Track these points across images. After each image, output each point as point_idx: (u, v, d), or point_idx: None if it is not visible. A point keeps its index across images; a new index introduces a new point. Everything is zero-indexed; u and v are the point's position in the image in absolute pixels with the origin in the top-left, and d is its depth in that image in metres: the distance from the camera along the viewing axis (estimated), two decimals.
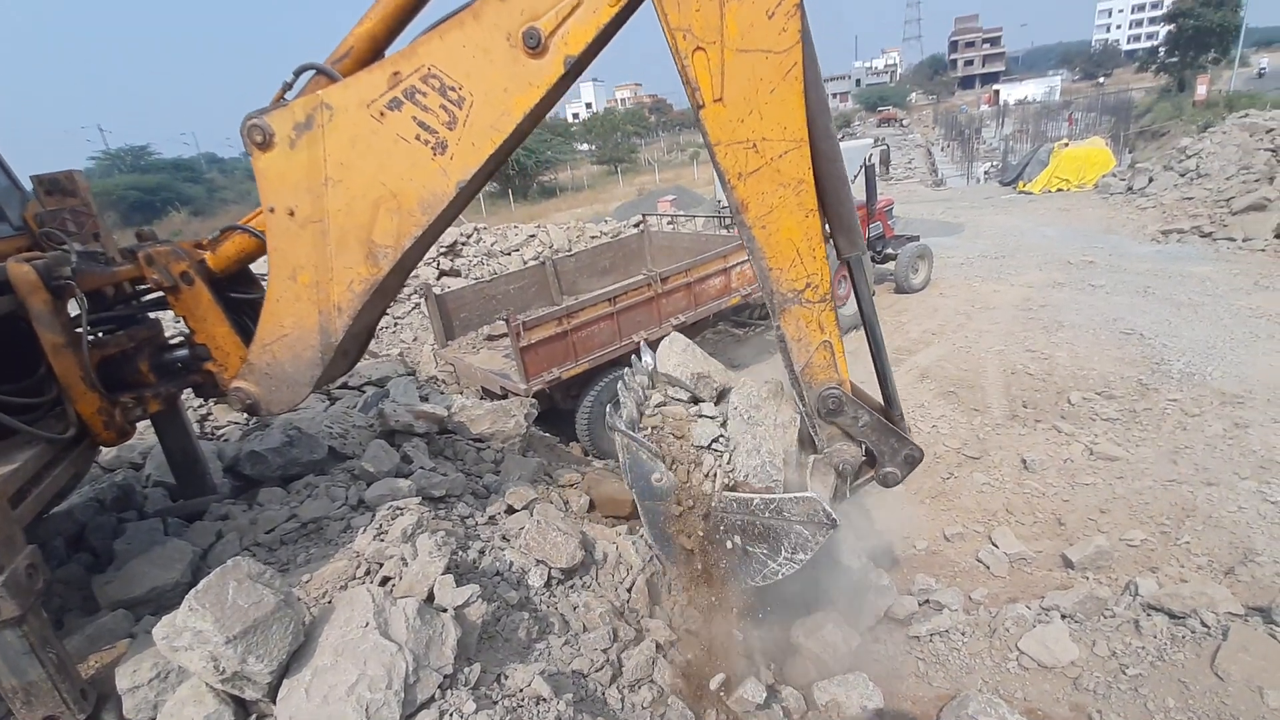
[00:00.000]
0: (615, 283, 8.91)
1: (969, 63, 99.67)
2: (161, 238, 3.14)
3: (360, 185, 2.43)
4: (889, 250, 11.39)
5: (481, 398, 6.50)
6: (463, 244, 11.06)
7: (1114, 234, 13.88)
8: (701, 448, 3.11)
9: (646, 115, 75.49)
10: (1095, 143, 21.04)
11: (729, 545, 2.90)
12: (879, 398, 3.06)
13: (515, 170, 36.42)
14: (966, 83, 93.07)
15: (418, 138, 2.36)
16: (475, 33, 2.23)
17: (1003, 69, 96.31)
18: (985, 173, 25.93)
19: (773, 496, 2.78)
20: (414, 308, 9.63)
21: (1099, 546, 4.65)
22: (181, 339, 3.08)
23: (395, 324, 9.32)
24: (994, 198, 20.88)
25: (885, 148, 11.30)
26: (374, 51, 2.61)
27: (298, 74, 2.58)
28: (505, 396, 6.17)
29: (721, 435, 3.14)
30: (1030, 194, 20.22)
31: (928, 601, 4.36)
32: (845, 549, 5.01)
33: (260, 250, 2.83)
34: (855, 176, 10.04)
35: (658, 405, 3.40)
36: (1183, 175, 15.22)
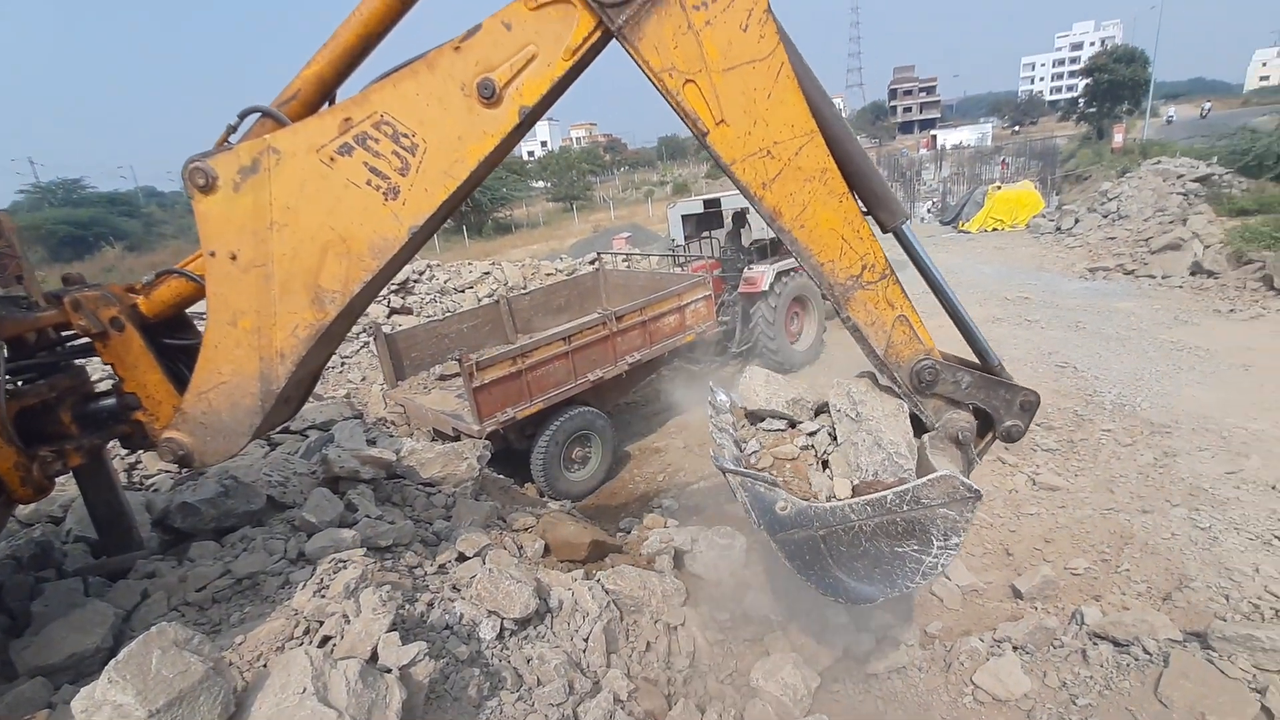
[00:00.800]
0: (570, 321, 8.93)
1: (908, 109, 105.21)
2: (91, 278, 2.99)
3: (308, 229, 2.39)
4: None
5: (433, 440, 6.33)
6: (415, 281, 10.90)
7: (1046, 271, 14.65)
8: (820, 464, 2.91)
9: (602, 154, 76.83)
10: (1026, 185, 22.32)
11: (875, 553, 2.64)
12: (971, 357, 2.96)
13: (470, 206, 36.35)
14: (906, 128, 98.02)
15: (369, 183, 2.33)
16: (430, 82, 2.25)
17: (939, 115, 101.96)
18: (928, 211, 27.11)
19: (905, 486, 2.56)
20: (362, 346, 9.39)
21: (1045, 576, 4.77)
22: (109, 387, 2.91)
23: (342, 364, 9.06)
24: (935, 236, 21.83)
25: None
26: (322, 95, 2.59)
27: (242, 116, 2.53)
28: (458, 438, 6.03)
29: (832, 444, 2.99)
30: (968, 233, 21.23)
31: (885, 637, 4.37)
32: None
33: (198, 295, 2.73)
34: None
35: (753, 451, 3.20)
36: (1105, 217, 16.25)
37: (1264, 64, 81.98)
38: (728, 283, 10.10)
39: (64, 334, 2.97)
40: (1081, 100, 42.84)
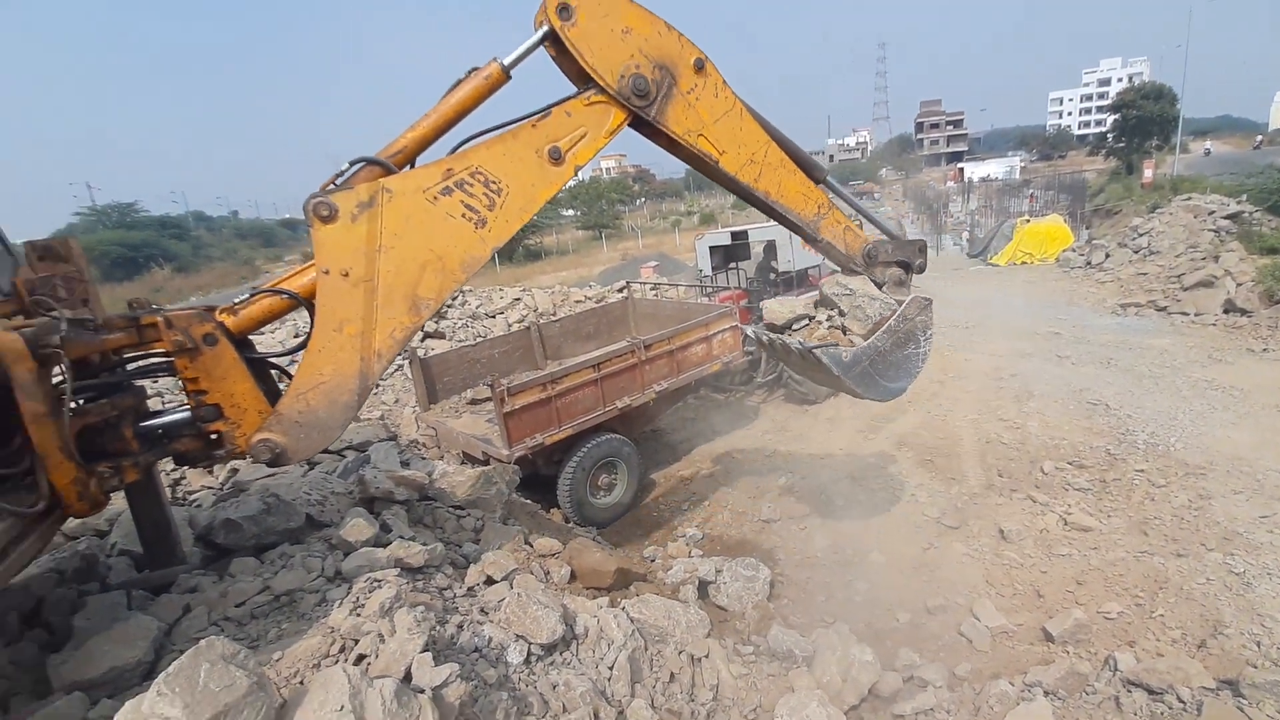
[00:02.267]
0: (599, 348, 9.03)
1: (934, 142, 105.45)
2: (145, 297, 3.17)
3: (410, 251, 2.98)
4: None
5: (462, 463, 6.43)
6: (448, 306, 11.15)
7: (1076, 306, 14.47)
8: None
9: (630, 184, 77.90)
10: (1055, 219, 22.16)
11: (896, 356, 3.98)
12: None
13: None
14: (933, 160, 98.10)
15: (464, 215, 3.03)
16: (514, 147, 3.08)
17: (965, 149, 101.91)
18: (954, 244, 26.98)
19: (898, 312, 3.86)
20: (396, 369, 9.59)
21: (1077, 619, 4.67)
22: (178, 404, 3.06)
23: (378, 386, 9.26)
24: (962, 269, 21.73)
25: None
26: (419, 151, 3.19)
27: (352, 164, 3.07)
28: (487, 462, 6.12)
29: (840, 316, 4.38)
30: (996, 266, 21.08)
31: (912, 678, 4.30)
32: (821, 614, 4.97)
33: (286, 309, 3.14)
34: None
35: (799, 341, 4.26)
36: (1136, 252, 16.04)
37: None
38: (754, 313, 10.16)
39: (125, 355, 3.14)
40: (1110, 135, 42.46)
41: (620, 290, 12.55)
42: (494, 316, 11.22)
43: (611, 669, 3.61)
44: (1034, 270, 19.36)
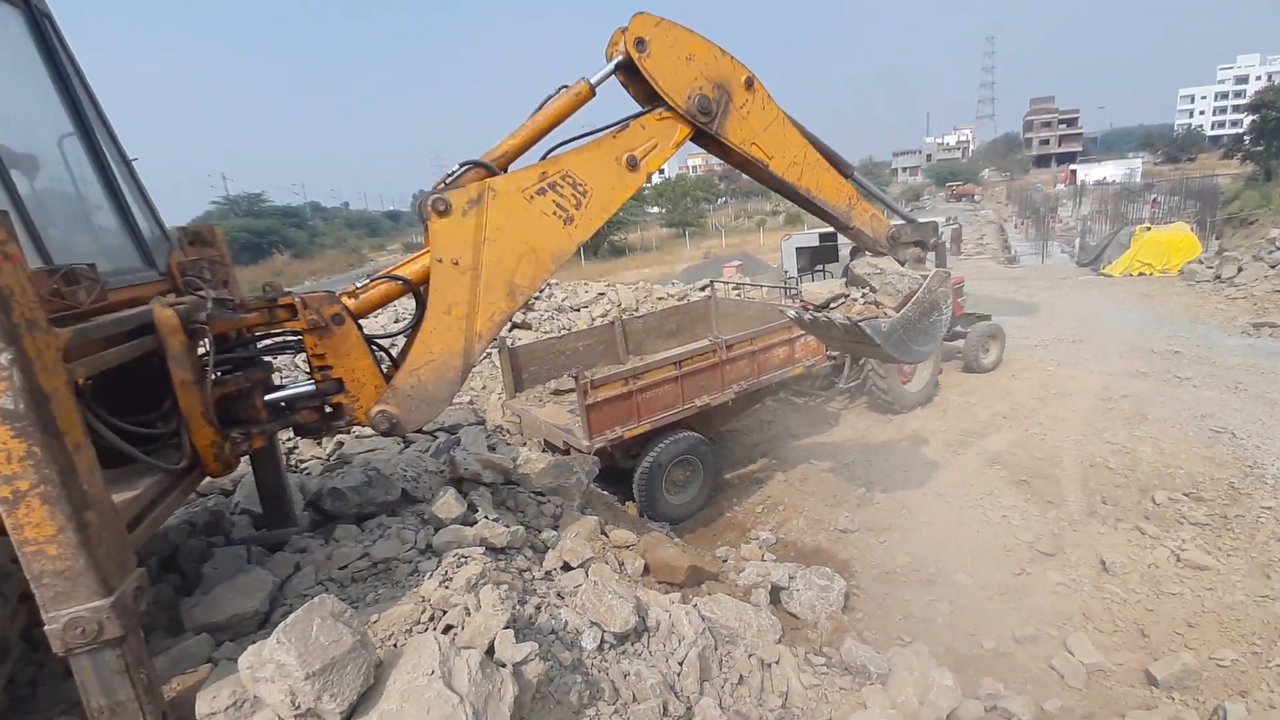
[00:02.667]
0: (681, 346, 9.07)
1: (1044, 142, 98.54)
2: (261, 280, 3.52)
3: (509, 243, 3.32)
4: (957, 328, 11.17)
5: (544, 450, 6.64)
6: (535, 298, 11.51)
7: (1201, 324, 13.20)
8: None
9: (716, 182, 77.33)
10: (1180, 227, 20.24)
11: (924, 324, 4.38)
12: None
13: None
14: (1041, 161, 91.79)
15: (554, 213, 3.39)
16: (599, 154, 3.47)
17: (1079, 149, 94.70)
18: (1073, 250, 25.10)
19: (924, 285, 4.31)
20: (486, 357, 9.99)
21: (1186, 664, 4.31)
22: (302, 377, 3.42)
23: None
24: (1070, 278, 20.26)
25: (958, 226, 11.28)
26: (517, 155, 3.53)
27: (461, 166, 3.40)
28: (568, 451, 6.29)
29: (872, 292, 4.67)
30: (1110, 276, 19.52)
31: (995, 708, 4.09)
32: (899, 632, 4.81)
33: (398, 294, 3.49)
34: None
35: (841, 317, 4.66)
36: (1273, 266, 14.44)
37: None
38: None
39: (256, 333, 3.45)
40: (1247, 137, 38.11)
41: (703, 289, 12.53)
42: (579, 310, 11.48)
43: (681, 664, 3.65)
44: (1153, 282, 17.79)
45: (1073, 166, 66.99)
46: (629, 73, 3.45)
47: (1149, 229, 20.49)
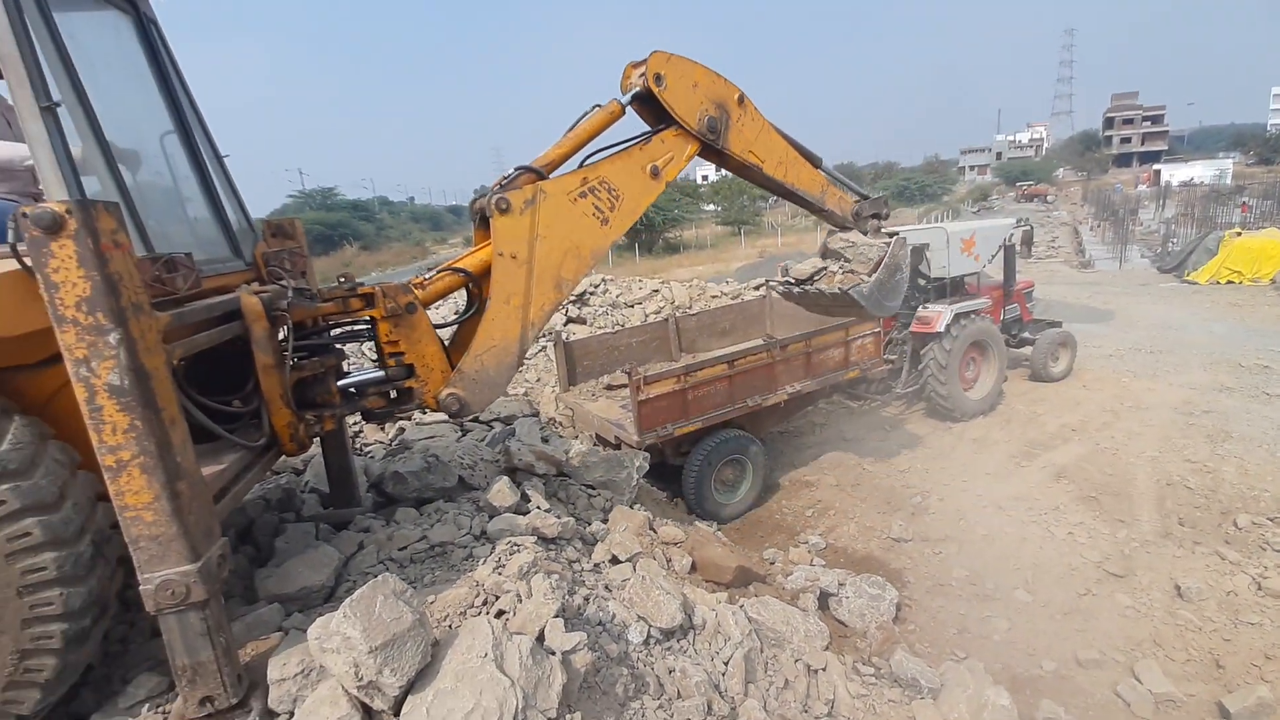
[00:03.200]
0: (734, 345, 9.02)
1: (1126, 140, 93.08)
2: (332, 271, 3.73)
3: (556, 240, 3.63)
4: (1025, 335, 10.72)
5: (595, 444, 6.72)
6: (589, 293, 11.64)
7: None
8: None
9: None
10: (1273, 234, 18.77)
11: (891, 283, 4.95)
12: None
13: (643, 225, 37.86)
14: (1122, 160, 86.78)
15: (593, 215, 3.72)
16: (629, 164, 3.85)
17: (1164, 148, 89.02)
18: (1154, 255, 23.69)
19: (890, 249, 4.89)
20: (540, 350, 10.18)
21: (1261, 699, 4.05)
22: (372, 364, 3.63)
23: (523, 366, 9.91)
24: (1150, 285, 19.12)
25: (1029, 228, 10.77)
26: (561, 163, 3.85)
27: (515, 170, 3.70)
28: (619, 446, 6.36)
29: (847, 262, 5.13)
30: (1194, 284, 18.34)
31: None
32: (952, 647, 4.67)
33: (459, 285, 3.75)
34: (994, 256, 9.63)
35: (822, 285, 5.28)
36: None
37: None
38: (898, 320, 9.64)
39: (330, 321, 3.62)
40: None
41: (758, 288, 12.40)
42: (632, 306, 11.55)
43: (727, 664, 3.65)
44: (1242, 291, 16.61)
45: (1156, 166, 63.13)
46: (642, 100, 3.91)
47: (1239, 234, 19.12)
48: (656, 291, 12.04)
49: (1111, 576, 5.61)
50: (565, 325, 10.79)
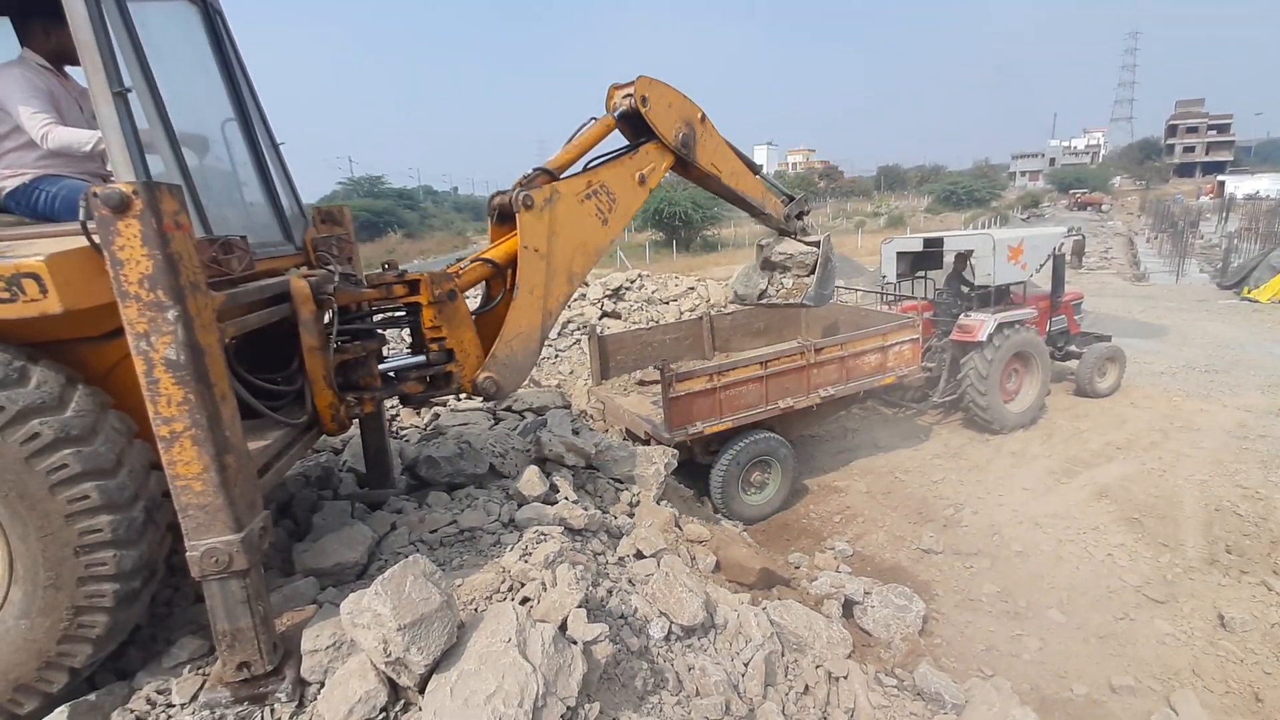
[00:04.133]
0: (768, 345, 8.96)
1: (1189, 149, 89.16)
2: (377, 258, 3.88)
3: (568, 237, 3.95)
4: (1071, 348, 10.39)
5: (625, 439, 6.76)
6: (625, 289, 11.67)
7: None
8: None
9: (816, 180, 75.19)
10: None
11: (826, 276, 5.59)
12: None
13: (681, 222, 37.69)
14: (1184, 170, 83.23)
15: (595, 215, 4.08)
16: (622, 171, 4.19)
17: (1230, 159, 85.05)
18: (1214, 270, 22.69)
19: (820, 250, 5.52)
20: (574, 343, 10.26)
21: None
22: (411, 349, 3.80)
23: (557, 355, 9.99)
24: (1209, 301, 18.31)
25: (1080, 238, 10.42)
26: (568, 167, 4.18)
27: (533, 171, 4.05)
28: (648, 442, 6.38)
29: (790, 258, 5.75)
30: (1255, 302, 17.49)
31: None
32: (979, 664, 4.58)
33: (490, 274, 3.98)
34: (1041, 266, 9.34)
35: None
36: None
37: None
38: (938, 327, 9.44)
39: (372, 307, 3.72)
40: None
41: None
42: (667, 303, 11.53)
43: (747, 666, 3.64)
44: None
45: (1221, 177, 60.43)
46: (625, 118, 4.27)
47: None
48: (692, 289, 12.01)
49: (1152, 602, 5.42)
50: (600, 319, 10.85)
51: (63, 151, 2.85)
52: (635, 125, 4.27)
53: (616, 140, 4.41)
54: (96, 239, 2.06)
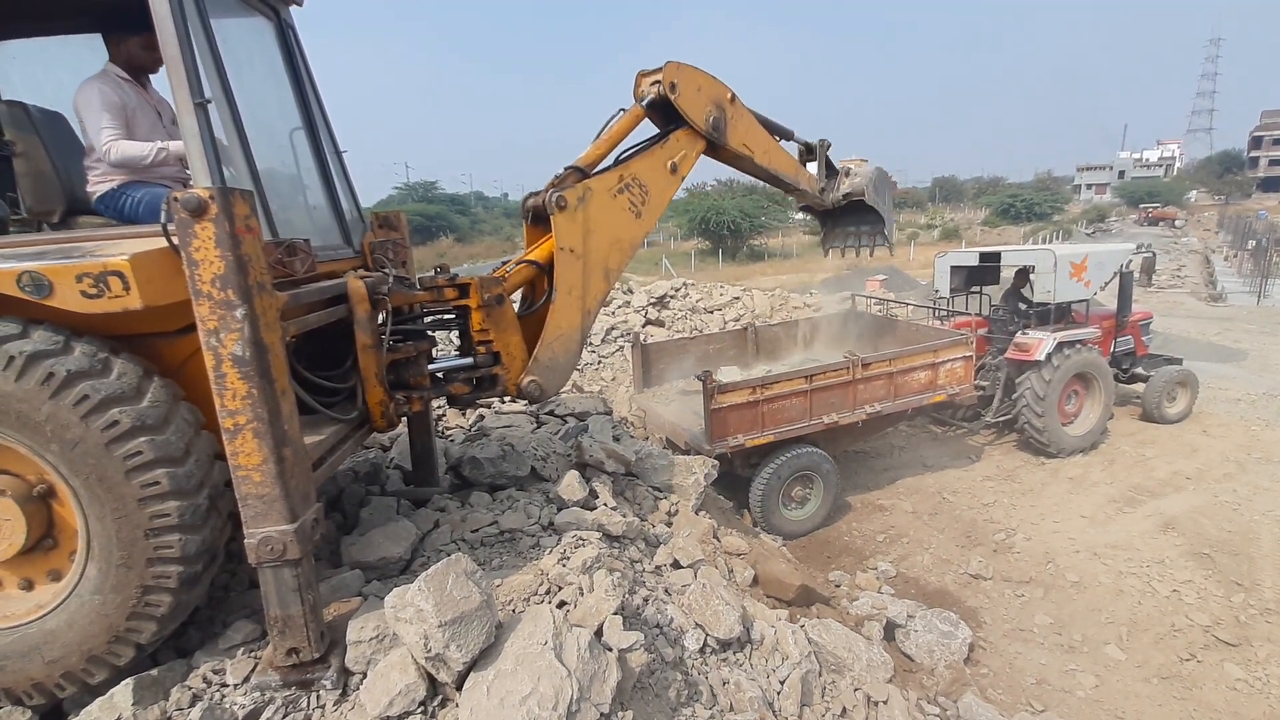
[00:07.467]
0: (814, 358, 8.82)
1: (1275, 162, 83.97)
2: (429, 262, 3.98)
3: (603, 233, 3.97)
4: (1138, 370, 9.88)
5: (665, 447, 6.75)
6: (670, 297, 11.68)
7: None
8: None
9: None
10: None
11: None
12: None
13: (728, 231, 37.53)
14: (1269, 184, 78.35)
15: (629, 209, 4.06)
16: (653, 161, 4.15)
17: None
18: None
19: (869, 194, 5.40)
20: (617, 350, 10.33)
21: None
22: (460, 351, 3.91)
23: (599, 362, 10.08)
24: None
25: (1151, 255, 9.93)
26: (599, 161, 4.13)
27: (565, 169, 4.03)
28: (688, 452, 6.35)
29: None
30: None
31: None
32: (1029, 697, 4.38)
33: (534, 277, 3.99)
34: (1107, 283, 8.94)
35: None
36: None
37: None
38: (993, 345, 9.12)
39: (424, 308, 3.83)
40: None
41: (843, 302, 12.05)
42: (712, 312, 11.50)
43: (783, 684, 3.58)
44: None
45: None
46: (654, 105, 4.20)
47: None
48: (737, 299, 11.94)
49: (1222, 644, 5.09)
50: (644, 326, 10.89)
51: (125, 164, 3.03)
52: (665, 112, 4.18)
53: (646, 130, 4.34)
54: (175, 240, 2.20)
